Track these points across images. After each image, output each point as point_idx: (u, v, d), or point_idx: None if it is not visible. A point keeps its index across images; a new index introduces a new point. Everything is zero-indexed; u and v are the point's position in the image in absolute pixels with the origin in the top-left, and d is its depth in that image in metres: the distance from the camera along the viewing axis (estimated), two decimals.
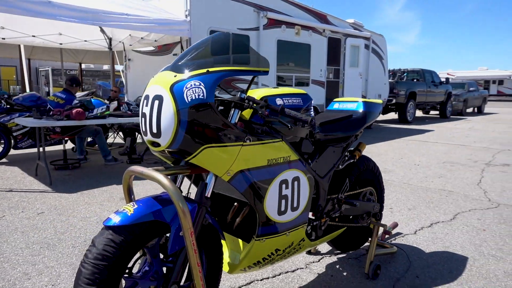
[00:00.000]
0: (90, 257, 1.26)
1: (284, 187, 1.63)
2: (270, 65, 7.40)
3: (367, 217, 2.38)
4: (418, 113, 16.20)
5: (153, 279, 1.42)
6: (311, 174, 1.79)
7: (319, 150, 1.99)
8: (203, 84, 1.35)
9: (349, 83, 9.41)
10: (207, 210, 1.48)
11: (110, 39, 7.88)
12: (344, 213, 2.15)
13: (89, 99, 4.62)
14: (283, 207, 1.64)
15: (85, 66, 18.11)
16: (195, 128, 1.35)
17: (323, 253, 2.63)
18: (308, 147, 1.92)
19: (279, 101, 1.70)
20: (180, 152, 1.39)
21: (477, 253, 2.62)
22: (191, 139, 1.35)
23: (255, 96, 1.66)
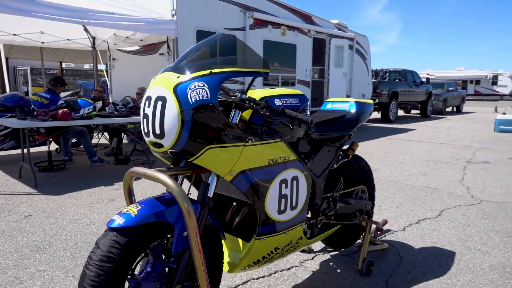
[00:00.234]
0: (94, 259, 1.26)
1: (283, 186, 1.65)
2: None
3: (359, 215, 2.44)
4: (400, 113, 16.52)
5: (156, 280, 1.42)
6: (308, 173, 1.82)
7: (315, 149, 2.03)
8: (207, 85, 1.36)
9: (334, 83, 9.53)
10: (209, 210, 1.49)
11: (93, 38, 7.75)
12: (339, 211, 2.19)
13: (75, 99, 4.54)
14: (283, 206, 1.67)
15: (66, 65, 17.71)
16: (199, 129, 1.36)
17: (316, 250, 2.67)
18: (304, 147, 1.96)
19: (278, 102, 1.72)
20: (183, 153, 1.39)
21: (463, 248, 2.72)
22: (195, 140, 1.36)
23: (254, 97, 1.68)
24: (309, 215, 2.06)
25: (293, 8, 8.19)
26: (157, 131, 1.38)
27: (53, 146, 6.82)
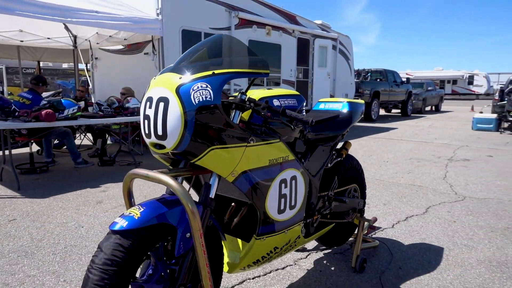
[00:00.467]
0: (98, 262, 1.24)
1: (283, 186, 1.67)
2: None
3: (352, 213, 2.48)
4: (381, 112, 16.81)
5: (159, 282, 1.41)
6: (305, 173, 1.84)
7: (310, 149, 2.05)
8: (210, 86, 1.36)
9: (318, 82, 9.63)
10: (211, 211, 1.49)
11: (75, 37, 7.57)
12: (333, 210, 2.22)
13: (59, 99, 4.43)
14: (282, 206, 1.68)
15: (43, 64, 17.23)
16: (202, 130, 1.35)
17: (309, 249, 2.70)
18: (301, 147, 1.98)
19: (276, 102, 1.73)
20: (185, 154, 1.39)
21: (451, 244, 2.80)
22: (198, 141, 1.36)
23: (252, 97, 1.68)
24: (305, 214, 2.08)
25: (277, 8, 8.23)
26: (159, 132, 1.37)
27: (34, 147, 6.63)
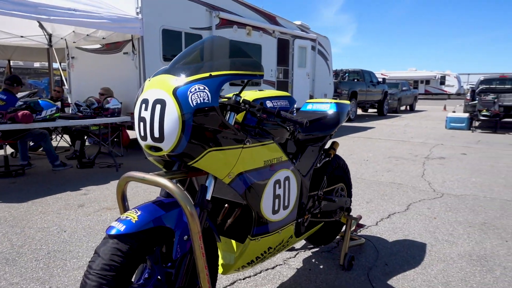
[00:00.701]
0: (95, 268, 1.22)
1: (277, 187, 1.68)
2: None
3: (339, 212, 2.52)
4: (358, 111, 17.14)
5: (156, 286, 1.40)
6: (297, 173, 1.86)
7: (301, 150, 2.08)
8: (207, 88, 1.35)
9: (298, 83, 9.72)
10: (208, 213, 1.48)
11: (50, 36, 7.34)
12: (323, 209, 2.26)
13: (36, 100, 4.28)
14: (276, 206, 1.70)
15: (13, 63, 16.59)
16: (200, 132, 1.35)
17: (298, 248, 2.73)
18: (292, 147, 2.00)
19: (269, 104, 1.75)
20: (182, 156, 1.38)
21: (433, 239, 2.89)
22: (195, 143, 1.35)
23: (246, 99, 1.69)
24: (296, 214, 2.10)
25: (258, 8, 8.25)
26: (156, 135, 1.36)
27: (7, 149, 6.38)
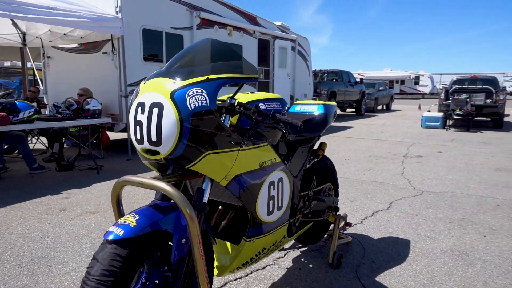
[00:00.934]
0: (94, 274, 1.20)
1: (271, 188, 1.70)
2: None
3: (327, 211, 2.57)
4: (337, 111, 17.43)
5: None
6: (289, 174, 1.89)
7: (291, 151, 2.11)
8: (205, 91, 1.36)
9: (279, 83, 9.78)
10: (205, 215, 1.49)
11: (24, 34, 7.09)
12: (313, 209, 2.29)
13: (12, 101, 4.14)
14: (271, 207, 1.71)
15: None
16: (198, 135, 1.35)
17: (287, 248, 2.76)
18: (283, 149, 2.02)
19: (262, 106, 1.76)
20: (180, 159, 1.38)
21: (416, 236, 2.99)
22: (193, 147, 1.35)
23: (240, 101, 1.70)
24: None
25: (238, 9, 8.25)
26: (153, 138, 1.35)
27: None
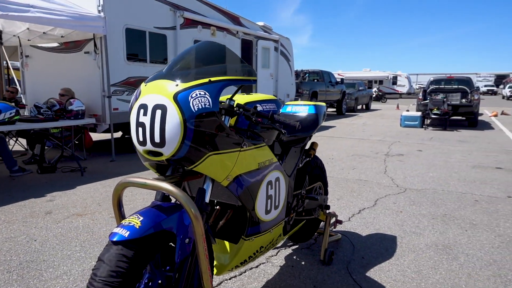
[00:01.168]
0: (101, 275, 1.20)
1: (269, 187, 1.74)
2: None
3: (318, 209, 2.63)
4: None
5: None
6: (285, 173, 1.93)
7: (285, 151, 2.15)
8: (208, 93, 1.38)
9: (262, 83, 9.83)
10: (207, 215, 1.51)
11: (0, 32, 6.87)
12: (306, 207, 2.34)
13: None
14: (269, 207, 1.75)
15: None
16: (201, 136, 1.37)
17: (278, 246, 2.80)
18: (278, 149, 2.06)
19: (259, 107, 1.80)
20: (183, 160, 1.39)
21: (401, 232, 3.09)
22: (196, 148, 1.37)
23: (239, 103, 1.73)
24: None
25: (221, 9, 8.25)
26: (157, 140, 1.36)
27: None
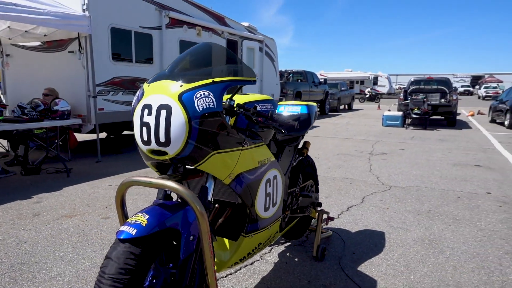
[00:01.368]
0: (109, 272, 1.22)
1: (268, 185, 1.78)
2: None
3: (310, 207, 2.69)
4: None
5: (163, 287, 1.43)
6: (281, 171, 1.98)
7: (280, 150, 2.20)
8: (212, 94, 1.41)
9: None
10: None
11: None
12: (300, 205, 2.40)
13: None
14: (267, 204, 1.80)
15: None
16: (205, 136, 1.41)
17: (271, 244, 2.85)
18: (273, 148, 2.11)
19: (258, 107, 1.84)
20: (188, 159, 1.42)
21: (389, 228, 3.19)
22: (201, 147, 1.41)
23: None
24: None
25: (207, 9, 8.25)
26: (162, 139, 1.39)
27: None
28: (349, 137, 8.88)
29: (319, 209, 2.74)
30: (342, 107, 19.60)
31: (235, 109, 1.61)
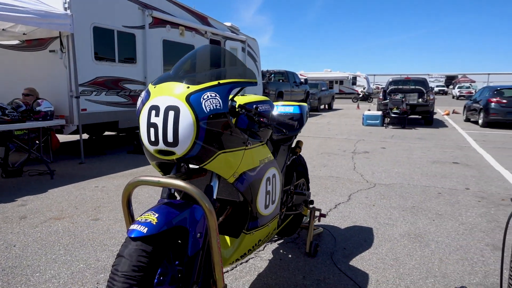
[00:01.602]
0: (122, 270, 1.25)
1: (268, 183, 1.84)
2: (157, 66, 7.28)
3: (303, 204, 2.76)
4: None
5: (171, 284, 1.46)
6: (279, 170, 2.04)
7: (275, 149, 2.26)
8: (218, 95, 1.45)
9: None
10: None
11: None
12: (294, 203, 2.47)
13: None
14: (267, 202, 1.85)
15: None
16: (212, 136, 1.44)
17: None
18: (270, 147, 2.17)
19: (258, 108, 1.89)
20: (194, 159, 1.46)
21: (376, 224, 3.30)
22: (208, 147, 1.44)
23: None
24: None
25: (190, 9, 8.22)
26: (170, 140, 1.41)
27: None
28: (331, 137, 9.04)
29: (311, 206, 2.81)
30: (322, 106, 19.88)
31: (237, 109, 1.66)
